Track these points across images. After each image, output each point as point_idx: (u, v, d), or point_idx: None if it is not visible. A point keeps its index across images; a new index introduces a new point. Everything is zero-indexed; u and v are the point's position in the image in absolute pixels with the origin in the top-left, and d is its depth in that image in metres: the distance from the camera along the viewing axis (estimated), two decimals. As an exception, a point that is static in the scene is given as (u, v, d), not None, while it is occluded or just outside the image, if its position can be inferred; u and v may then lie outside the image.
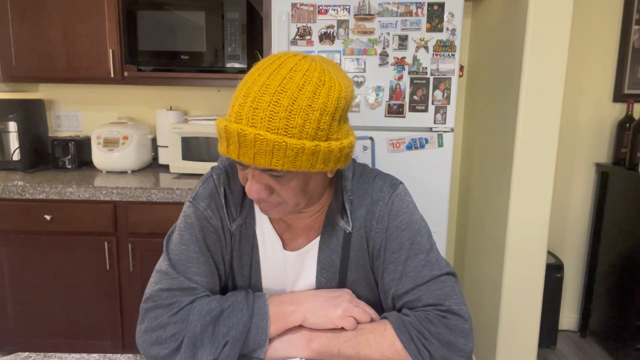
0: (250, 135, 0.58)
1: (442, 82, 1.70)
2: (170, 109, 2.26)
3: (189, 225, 0.77)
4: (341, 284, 0.80)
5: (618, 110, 2.34)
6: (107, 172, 2.12)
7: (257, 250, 0.80)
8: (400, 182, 0.81)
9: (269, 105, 0.59)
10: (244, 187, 0.79)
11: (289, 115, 0.59)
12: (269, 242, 0.80)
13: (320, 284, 0.80)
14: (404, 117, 1.73)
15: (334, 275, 0.79)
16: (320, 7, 1.68)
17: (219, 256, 0.78)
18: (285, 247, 0.80)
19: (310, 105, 0.60)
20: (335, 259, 0.78)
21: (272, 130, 0.59)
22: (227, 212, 0.78)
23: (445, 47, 1.68)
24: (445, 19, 1.66)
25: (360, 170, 0.82)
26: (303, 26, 1.69)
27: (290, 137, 0.59)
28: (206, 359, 0.67)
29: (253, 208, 0.79)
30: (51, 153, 2.19)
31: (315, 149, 0.61)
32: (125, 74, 2.02)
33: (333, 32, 1.69)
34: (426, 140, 1.74)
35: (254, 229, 0.79)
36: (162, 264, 0.76)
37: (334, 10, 1.68)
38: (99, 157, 2.06)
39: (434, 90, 1.71)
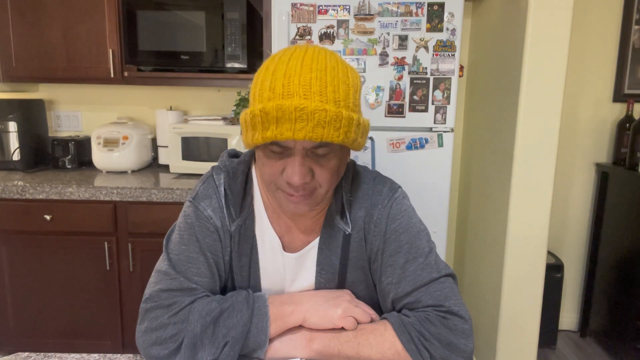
0: (309, 107, 0.58)
1: (442, 82, 1.70)
2: (170, 109, 2.26)
3: (189, 225, 0.77)
4: (340, 285, 0.80)
5: (618, 110, 2.34)
6: (107, 172, 2.12)
7: (257, 252, 0.79)
8: (399, 186, 0.81)
9: (316, 80, 0.60)
10: (244, 188, 0.79)
11: (335, 89, 0.61)
12: (269, 244, 0.80)
13: (320, 285, 0.80)
14: (404, 117, 1.73)
15: (333, 276, 0.79)
16: (320, 7, 1.67)
17: (218, 256, 0.78)
18: (284, 248, 0.80)
19: (345, 82, 0.64)
20: (334, 260, 0.78)
21: (325, 102, 0.60)
22: (227, 212, 0.78)
23: (445, 47, 1.68)
24: (445, 19, 1.66)
25: (360, 171, 0.82)
26: (303, 26, 1.69)
27: (342, 108, 0.62)
28: (206, 359, 0.67)
29: (253, 209, 0.79)
30: (51, 153, 2.19)
31: (358, 120, 0.64)
32: (125, 74, 2.02)
33: (333, 32, 1.69)
34: (426, 140, 1.74)
35: (253, 230, 0.79)
36: (161, 264, 0.75)
37: (334, 10, 1.68)
38: (99, 157, 2.06)
39: (434, 90, 1.71)
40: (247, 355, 0.70)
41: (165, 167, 2.22)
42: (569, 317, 2.52)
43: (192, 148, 2.02)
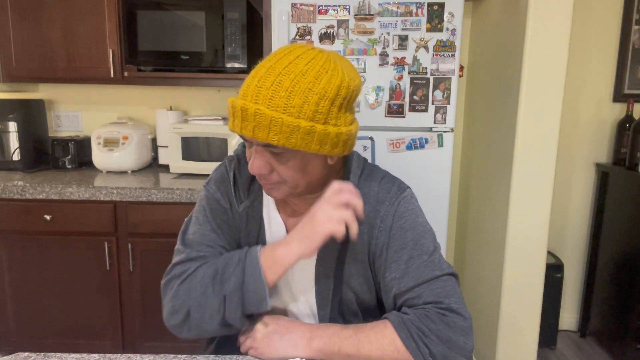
0: (250, 109, 0.65)
1: (442, 82, 1.70)
2: (170, 109, 2.26)
3: (202, 208, 0.83)
4: (338, 275, 0.80)
5: (618, 110, 2.34)
6: (107, 172, 2.12)
7: (264, 233, 0.83)
8: (408, 187, 0.83)
9: (271, 85, 0.65)
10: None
11: (289, 95, 0.65)
12: (275, 227, 0.83)
13: (318, 273, 0.81)
14: (404, 117, 1.73)
15: (331, 264, 0.80)
16: (320, 7, 1.68)
17: (229, 235, 0.83)
18: (288, 232, 0.82)
19: (311, 89, 0.66)
20: (334, 249, 0.79)
21: (271, 107, 0.65)
22: (235, 194, 0.83)
23: (445, 47, 1.68)
24: (445, 19, 1.66)
25: (369, 169, 0.84)
26: (303, 26, 1.69)
27: (288, 115, 0.65)
28: (211, 320, 0.71)
29: (261, 192, 0.83)
30: (51, 153, 2.19)
31: (310, 129, 0.66)
32: (125, 74, 2.02)
33: (333, 32, 1.69)
34: (426, 140, 1.74)
35: (261, 212, 0.83)
36: (177, 244, 0.81)
37: (334, 10, 1.68)
38: (99, 157, 2.06)
39: (434, 90, 1.71)
40: (254, 312, 0.72)
41: (165, 167, 2.22)
42: (569, 317, 2.52)
43: (192, 148, 2.02)
